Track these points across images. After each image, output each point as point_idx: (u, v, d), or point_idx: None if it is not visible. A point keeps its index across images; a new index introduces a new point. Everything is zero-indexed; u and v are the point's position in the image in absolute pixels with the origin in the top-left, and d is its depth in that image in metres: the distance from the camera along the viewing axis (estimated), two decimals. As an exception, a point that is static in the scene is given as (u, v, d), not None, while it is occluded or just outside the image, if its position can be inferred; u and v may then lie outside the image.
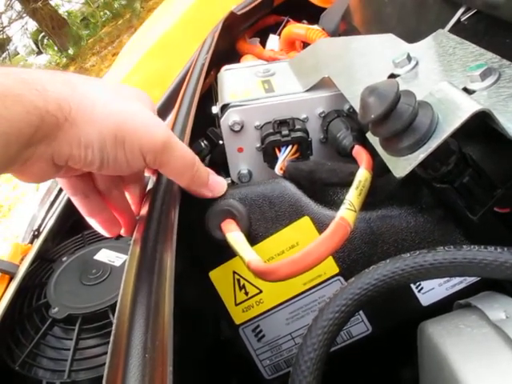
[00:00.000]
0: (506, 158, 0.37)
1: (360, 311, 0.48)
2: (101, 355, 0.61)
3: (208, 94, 0.86)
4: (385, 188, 0.47)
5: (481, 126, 0.34)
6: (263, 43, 1.10)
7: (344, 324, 0.32)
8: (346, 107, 0.54)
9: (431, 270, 0.32)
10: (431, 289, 0.46)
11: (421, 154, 0.34)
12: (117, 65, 1.62)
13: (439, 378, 0.31)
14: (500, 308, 0.31)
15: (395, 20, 0.62)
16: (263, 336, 0.49)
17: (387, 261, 0.33)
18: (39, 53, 8.00)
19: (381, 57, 0.51)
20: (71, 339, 0.63)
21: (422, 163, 0.35)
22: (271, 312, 0.49)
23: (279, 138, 0.52)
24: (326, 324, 0.32)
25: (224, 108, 0.55)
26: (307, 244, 0.38)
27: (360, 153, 0.46)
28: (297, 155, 0.53)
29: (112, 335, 0.35)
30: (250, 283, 0.48)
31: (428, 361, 0.34)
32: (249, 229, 0.46)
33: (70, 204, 0.95)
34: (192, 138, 0.54)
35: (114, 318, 0.37)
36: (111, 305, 0.65)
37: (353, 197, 0.40)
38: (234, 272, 0.48)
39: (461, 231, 0.45)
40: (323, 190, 0.48)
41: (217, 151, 0.61)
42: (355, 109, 0.48)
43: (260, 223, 0.47)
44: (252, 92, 0.57)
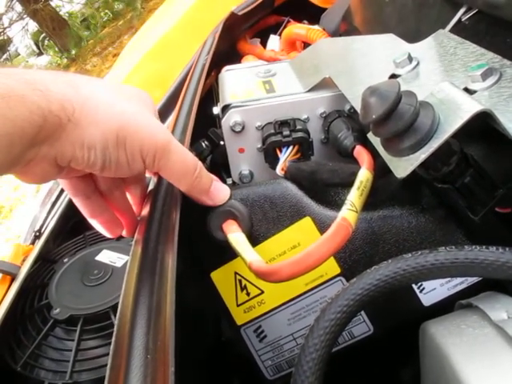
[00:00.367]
0: (507, 158, 0.37)
1: (361, 311, 0.48)
2: (102, 356, 0.61)
3: (209, 95, 0.86)
4: (386, 188, 0.47)
5: (482, 126, 0.34)
6: (264, 43, 1.11)
7: (346, 324, 0.32)
8: (347, 107, 0.54)
9: (433, 271, 0.32)
10: (433, 289, 0.46)
11: (422, 155, 0.34)
12: (118, 65, 1.62)
13: (441, 378, 0.31)
14: (502, 308, 0.31)
15: (396, 20, 0.62)
16: (265, 336, 0.49)
17: (389, 261, 0.33)
18: (40, 54, 8.00)
19: (382, 57, 0.51)
20: (73, 340, 0.63)
21: (424, 163, 0.35)
22: (273, 312, 0.49)
23: (280, 139, 0.52)
24: (328, 324, 0.32)
25: (225, 109, 0.55)
26: (309, 244, 0.37)
27: (361, 153, 0.46)
28: (298, 156, 0.53)
29: (114, 336, 0.35)
30: (252, 284, 0.48)
31: (430, 361, 0.34)
32: (250, 229, 0.46)
33: (72, 205, 0.95)
34: (193, 139, 0.54)
35: (116, 319, 0.37)
36: (113, 306, 0.65)
37: (354, 197, 0.40)
38: (236, 273, 0.48)
39: (462, 231, 0.45)
40: (324, 191, 0.48)
41: (218, 152, 0.61)
42: (356, 109, 0.48)
43: (261, 224, 0.47)
44: (253, 92, 0.57)
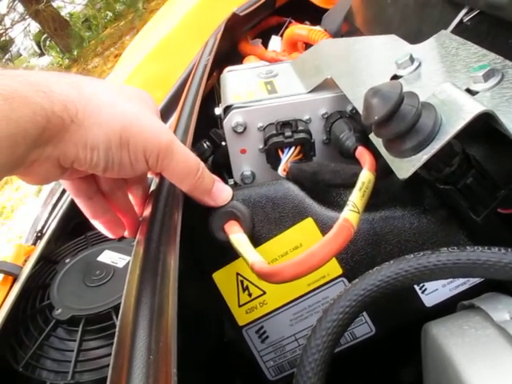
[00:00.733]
0: (509, 159, 0.37)
1: (364, 312, 0.48)
2: (104, 356, 0.61)
3: (210, 95, 0.86)
4: (388, 189, 0.47)
5: (484, 127, 0.34)
6: (265, 44, 1.11)
7: (348, 325, 0.32)
8: (349, 108, 0.54)
9: (435, 271, 0.32)
10: (435, 290, 0.46)
11: (424, 156, 0.34)
12: (119, 66, 1.62)
13: (443, 379, 0.31)
14: (504, 309, 0.31)
15: (398, 21, 0.62)
16: (267, 337, 0.49)
17: (391, 262, 0.33)
18: (42, 54, 8.01)
19: (383, 58, 0.51)
20: (75, 340, 0.63)
21: (426, 164, 0.35)
22: (275, 313, 0.49)
23: (282, 140, 0.52)
24: (330, 325, 0.32)
25: (227, 109, 0.55)
26: (311, 245, 0.37)
27: (363, 154, 0.46)
28: (300, 156, 0.53)
29: (116, 337, 0.35)
30: (254, 284, 0.48)
31: (432, 362, 0.34)
32: (252, 230, 0.46)
33: (73, 205, 0.95)
34: (195, 139, 0.54)
35: (118, 320, 0.37)
36: (114, 306, 0.65)
37: (356, 198, 0.40)
38: (238, 273, 0.48)
39: (464, 232, 0.45)
40: (326, 192, 0.48)
41: (219, 152, 0.61)
42: (358, 110, 0.48)
43: (263, 224, 0.47)
44: (255, 93, 0.57)
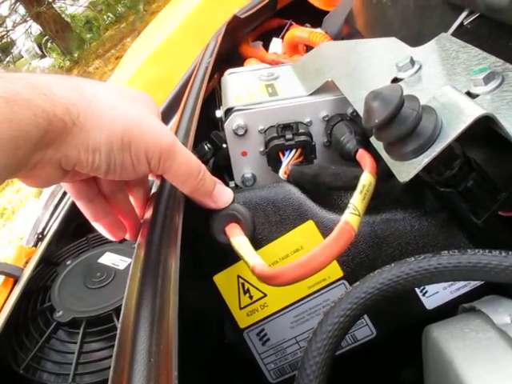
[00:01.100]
0: (510, 162, 0.37)
1: (364, 315, 0.48)
2: (105, 359, 0.61)
3: (211, 98, 0.86)
4: (389, 192, 0.47)
5: (484, 130, 0.34)
6: (266, 46, 1.11)
7: (349, 328, 0.32)
8: (350, 111, 0.54)
9: (436, 274, 0.32)
10: (435, 292, 0.46)
11: (425, 159, 0.34)
12: (120, 68, 1.63)
13: (444, 382, 0.31)
14: (505, 312, 0.31)
15: (398, 23, 0.62)
16: (268, 340, 0.49)
17: (392, 265, 0.33)
18: (43, 56, 8.03)
19: (384, 60, 0.51)
20: (75, 343, 0.63)
21: (427, 167, 0.35)
22: (276, 316, 0.49)
23: (283, 142, 0.52)
24: (331, 328, 0.32)
25: (228, 112, 0.55)
26: (311, 248, 0.37)
27: (364, 157, 0.46)
28: (301, 159, 0.53)
29: (117, 339, 0.35)
30: (255, 287, 0.48)
31: (433, 365, 0.34)
32: (253, 233, 0.46)
33: (74, 207, 0.95)
34: (195, 142, 0.54)
35: (119, 322, 0.37)
36: (115, 308, 0.65)
37: (357, 201, 0.40)
38: (239, 276, 0.48)
39: (465, 235, 0.45)
40: (327, 194, 0.48)
41: (220, 154, 0.61)
42: (359, 113, 0.48)
43: (264, 227, 0.47)
44: (256, 96, 0.57)
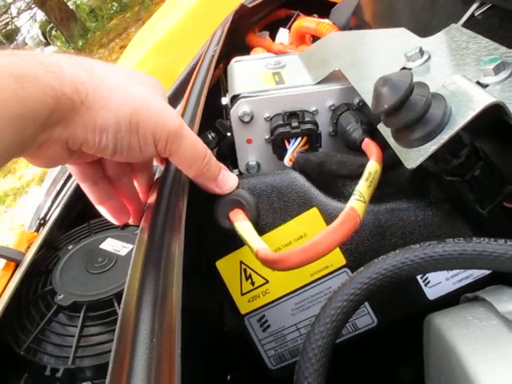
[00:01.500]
0: (517, 153, 0.37)
1: (366, 303, 0.48)
2: (105, 343, 0.62)
3: (216, 87, 0.86)
4: (393, 182, 0.47)
5: (493, 120, 0.34)
6: (273, 37, 1.10)
7: (352, 313, 0.32)
8: (356, 101, 0.54)
9: (441, 262, 0.32)
10: (438, 283, 0.46)
11: (433, 146, 0.34)
12: (124, 57, 1.62)
13: (446, 369, 0.31)
14: (509, 301, 0.31)
15: (407, 15, 0.62)
16: (268, 326, 0.50)
17: (397, 251, 0.33)
18: (47, 44, 8.01)
19: (392, 51, 0.51)
20: (76, 326, 0.63)
21: (434, 155, 0.34)
22: (277, 302, 0.49)
23: (289, 130, 0.52)
24: (334, 313, 0.32)
25: (234, 99, 0.55)
26: (315, 235, 0.38)
27: (370, 146, 0.46)
28: (306, 147, 0.52)
29: (119, 320, 0.35)
30: (257, 273, 0.48)
31: (435, 353, 0.34)
32: (257, 219, 0.46)
33: (77, 193, 0.96)
34: (200, 130, 0.54)
35: (121, 304, 0.37)
36: (116, 293, 0.65)
37: (363, 188, 0.40)
38: (241, 262, 0.48)
39: (469, 225, 0.45)
40: (332, 182, 0.48)
41: (224, 143, 0.61)
42: (366, 102, 0.48)
43: (268, 213, 0.47)
44: (262, 83, 0.57)
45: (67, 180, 1.10)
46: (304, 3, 1.11)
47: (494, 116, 0.34)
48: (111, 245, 0.75)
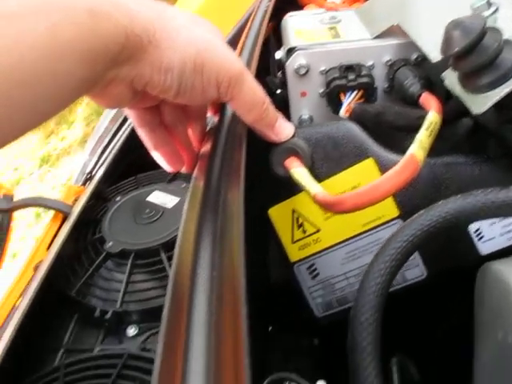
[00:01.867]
0: None
1: (417, 255, 0.48)
2: (150, 289, 0.64)
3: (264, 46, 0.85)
4: (450, 137, 0.47)
5: None
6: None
7: (411, 254, 0.33)
8: (414, 56, 0.53)
9: (502, 207, 0.32)
10: (492, 238, 0.46)
11: (501, 92, 0.33)
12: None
13: (505, 311, 0.31)
14: None
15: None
16: (317, 274, 0.50)
17: (458, 196, 0.33)
18: None
19: (457, 3, 0.49)
20: (122, 273, 0.65)
21: (500, 103, 0.34)
22: (327, 251, 0.50)
23: (345, 83, 0.52)
24: (394, 252, 0.32)
25: (290, 51, 0.55)
26: None
27: (429, 99, 0.46)
28: (361, 101, 0.52)
29: (175, 258, 0.35)
30: (309, 222, 0.49)
31: (491, 297, 0.34)
32: (311, 168, 0.46)
33: (123, 150, 0.97)
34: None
35: (178, 241, 0.36)
36: (163, 243, 0.67)
37: (423, 136, 0.40)
38: (294, 210, 0.49)
39: (528, 182, 0.44)
40: (389, 134, 0.48)
41: (274, 101, 0.61)
42: (426, 55, 0.47)
43: (323, 163, 0.47)
44: (318, 37, 0.56)
45: (112, 138, 1.12)
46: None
47: None
48: (158, 197, 0.77)
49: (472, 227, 0.45)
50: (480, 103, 0.34)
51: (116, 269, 0.67)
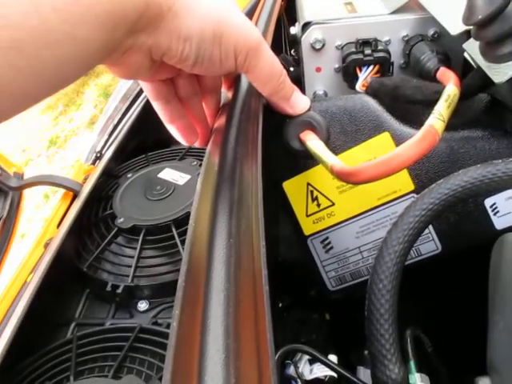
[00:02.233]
0: None
1: (431, 229, 0.48)
2: (161, 265, 0.64)
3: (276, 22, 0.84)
4: (468, 111, 0.46)
5: None
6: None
7: (429, 223, 0.33)
8: (431, 32, 0.53)
9: (522, 178, 0.32)
10: (507, 213, 0.46)
11: (524, 61, 0.33)
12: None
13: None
14: None
15: None
16: (331, 248, 0.50)
17: (478, 166, 0.33)
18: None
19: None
20: (133, 248, 0.66)
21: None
22: (342, 225, 0.50)
23: (361, 57, 0.51)
24: (412, 220, 0.32)
25: (306, 26, 0.54)
26: None
27: (446, 73, 0.45)
28: (378, 76, 0.52)
29: (190, 230, 0.34)
30: (323, 195, 0.49)
31: (509, 269, 0.34)
32: (327, 141, 0.46)
33: (134, 128, 0.97)
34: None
35: (192, 212, 0.36)
36: (174, 219, 0.67)
37: (442, 108, 0.39)
38: (308, 183, 0.49)
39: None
40: (405, 109, 0.48)
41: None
42: (445, 28, 0.47)
43: (339, 136, 0.47)
44: (334, 12, 0.56)
45: (122, 117, 1.12)
46: None
47: None
48: (169, 174, 0.77)
49: (488, 202, 0.45)
50: (502, 72, 0.34)
51: (127, 244, 0.68)
